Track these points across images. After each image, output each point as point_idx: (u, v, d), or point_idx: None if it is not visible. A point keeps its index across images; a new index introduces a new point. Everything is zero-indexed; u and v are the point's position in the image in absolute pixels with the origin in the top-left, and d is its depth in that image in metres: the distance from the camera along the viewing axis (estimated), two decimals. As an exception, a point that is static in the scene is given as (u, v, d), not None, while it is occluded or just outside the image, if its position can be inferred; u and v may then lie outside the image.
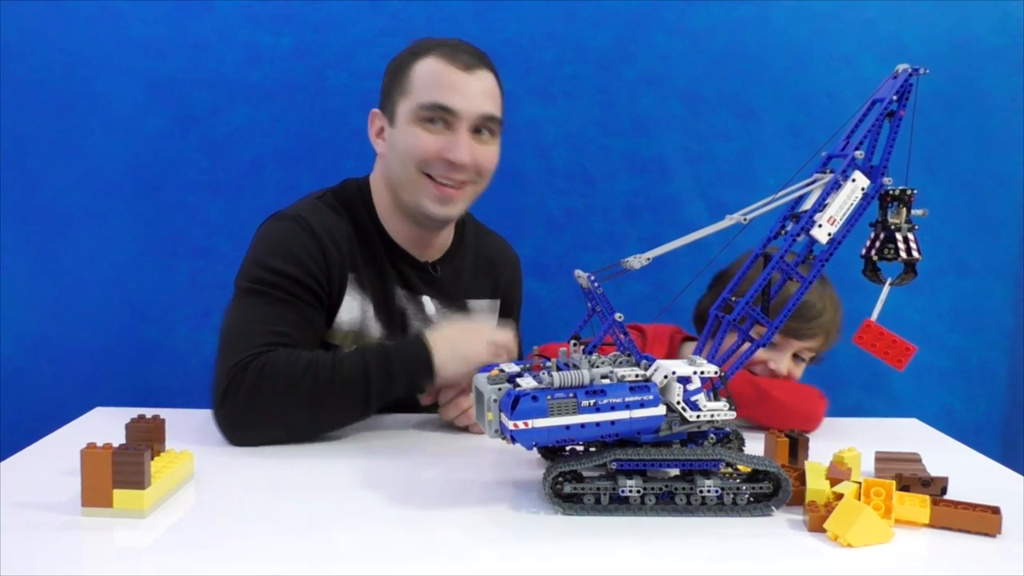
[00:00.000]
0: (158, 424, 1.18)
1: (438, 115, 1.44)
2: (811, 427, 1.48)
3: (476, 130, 1.47)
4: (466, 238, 1.65)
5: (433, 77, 1.44)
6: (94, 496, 1.01)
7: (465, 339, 1.38)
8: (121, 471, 1.01)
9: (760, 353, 1.44)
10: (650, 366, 1.08)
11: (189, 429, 1.37)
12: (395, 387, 1.34)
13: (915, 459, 1.23)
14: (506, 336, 1.41)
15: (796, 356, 1.57)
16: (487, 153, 1.49)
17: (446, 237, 1.61)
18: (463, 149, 1.44)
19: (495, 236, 1.74)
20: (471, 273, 1.65)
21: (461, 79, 1.44)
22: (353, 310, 1.50)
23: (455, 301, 1.62)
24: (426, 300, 1.58)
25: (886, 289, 1.12)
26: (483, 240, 1.69)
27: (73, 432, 1.40)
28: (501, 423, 1.04)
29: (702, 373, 1.06)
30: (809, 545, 1.00)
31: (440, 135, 1.45)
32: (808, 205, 1.10)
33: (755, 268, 1.12)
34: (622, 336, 1.11)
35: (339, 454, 1.31)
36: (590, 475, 1.10)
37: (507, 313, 1.72)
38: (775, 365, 1.54)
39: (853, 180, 1.09)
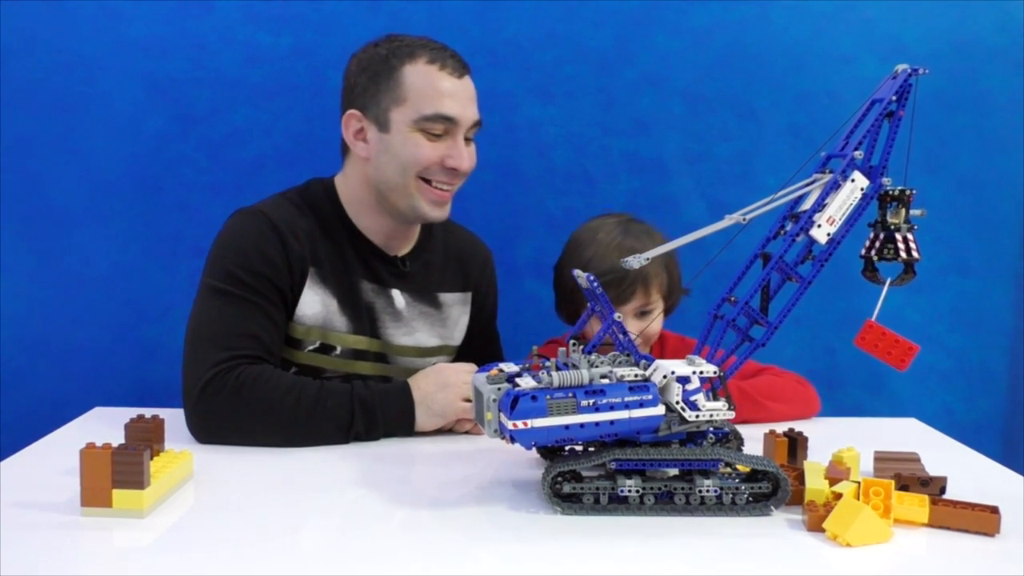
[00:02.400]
0: (157, 424, 1.18)
1: (439, 124, 1.47)
2: (813, 410, 1.55)
3: (464, 134, 1.51)
4: (434, 232, 1.66)
5: (431, 87, 1.46)
6: (93, 496, 1.02)
7: (441, 397, 1.40)
8: (120, 471, 1.01)
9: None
10: (649, 366, 1.08)
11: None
12: (374, 435, 1.39)
13: (914, 459, 1.23)
14: None
15: (643, 313, 1.57)
16: (472, 154, 1.53)
17: (415, 232, 1.62)
18: (465, 157, 1.49)
19: (463, 230, 1.74)
20: (441, 267, 1.66)
21: (457, 86, 1.48)
22: (315, 304, 1.51)
23: (426, 295, 1.63)
24: (395, 294, 1.59)
25: (885, 289, 1.12)
26: (451, 234, 1.70)
27: (73, 432, 1.40)
28: (500, 423, 1.04)
29: (701, 373, 1.06)
30: (808, 545, 1.00)
31: (440, 143, 1.48)
32: (807, 205, 1.10)
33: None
34: (621, 336, 1.11)
35: (338, 454, 1.31)
36: (589, 475, 1.10)
37: (481, 307, 1.73)
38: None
39: (852, 180, 1.09)
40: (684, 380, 1.06)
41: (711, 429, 1.09)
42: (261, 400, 1.34)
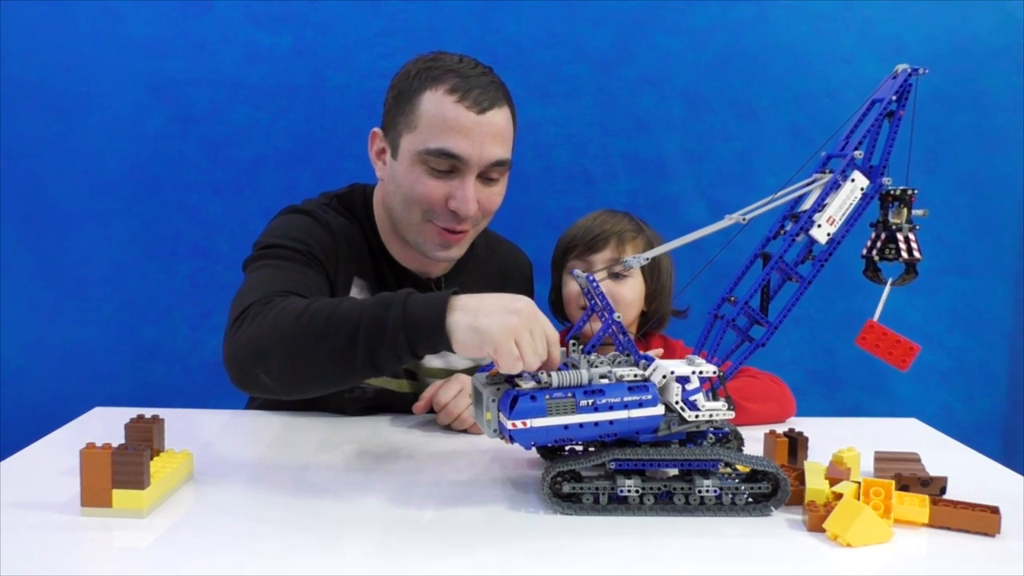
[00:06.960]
0: (157, 424, 1.18)
1: (444, 161, 1.34)
2: (790, 411, 1.52)
3: (483, 173, 1.38)
4: (476, 251, 1.57)
5: (441, 118, 1.33)
6: (94, 496, 1.01)
7: (498, 319, 1.04)
8: (120, 471, 1.01)
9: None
10: (649, 366, 1.08)
11: (189, 429, 1.37)
12: (384, 343, 1.06)
13: (914, 459, 1.23)
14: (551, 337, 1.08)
15: (616, 275, 1.58)
16: (492, 195, 1.41)
17: None
18: (470, 200, 1.36)
19: (507, 245, 1.68)
20: (479, 288, 1.57)
21: (472, 122, 1.33)
22: None
23: None
24: None
25: (887, 289, 1.12)
26: (495, 252, 1.63)
27: (73, 432, 1.40)
28: (500, 423, 1.04)
29: (700, 373, 1.06)
30: (808, 545, 1.00)
31: (445, 181, 1.36)
32: (807, 205, 1.10)
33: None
34: (621, 336, 1.11)
35: (338, 454, 1.31)
36: (589, 475, 1.10)
37: None
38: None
39: (852, 180, 1.09)
40: (684, 380, 1.06)
41: (711, 429, 1.09)
42: (277, 318, 1.12)
